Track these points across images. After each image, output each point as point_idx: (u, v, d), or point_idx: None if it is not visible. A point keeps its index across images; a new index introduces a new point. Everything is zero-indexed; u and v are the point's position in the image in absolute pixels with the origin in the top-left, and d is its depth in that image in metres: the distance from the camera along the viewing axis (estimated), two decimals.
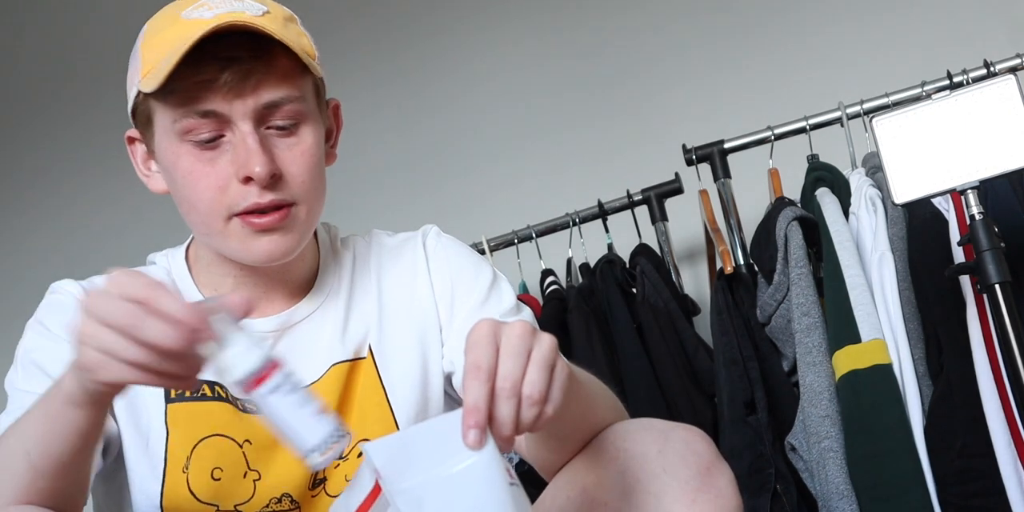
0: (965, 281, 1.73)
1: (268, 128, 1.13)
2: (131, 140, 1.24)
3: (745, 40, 2.60)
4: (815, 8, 2.56)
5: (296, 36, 1.15)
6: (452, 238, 1.32)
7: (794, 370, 1.90)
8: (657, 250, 2.23)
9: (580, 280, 2.23)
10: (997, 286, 1.53)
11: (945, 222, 1.81)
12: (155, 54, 1.13)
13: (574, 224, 2.30)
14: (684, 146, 2.20)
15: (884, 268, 1.83)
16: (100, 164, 3.08)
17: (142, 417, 1.17)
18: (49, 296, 1.24)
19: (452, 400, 1.25)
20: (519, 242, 2.33)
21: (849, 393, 1.76)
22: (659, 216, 2.26)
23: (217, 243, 1.17)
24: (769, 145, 2.14)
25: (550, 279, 2.28)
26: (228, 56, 1.09)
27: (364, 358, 1.22)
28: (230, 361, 0.89)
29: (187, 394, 1.18)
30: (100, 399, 0.95)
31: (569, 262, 2.31)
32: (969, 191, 1.56)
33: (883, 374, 1.75)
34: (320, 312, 1.24)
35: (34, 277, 3.02)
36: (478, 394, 0.86)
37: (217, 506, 1.16)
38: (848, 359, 1.77)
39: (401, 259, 1.28)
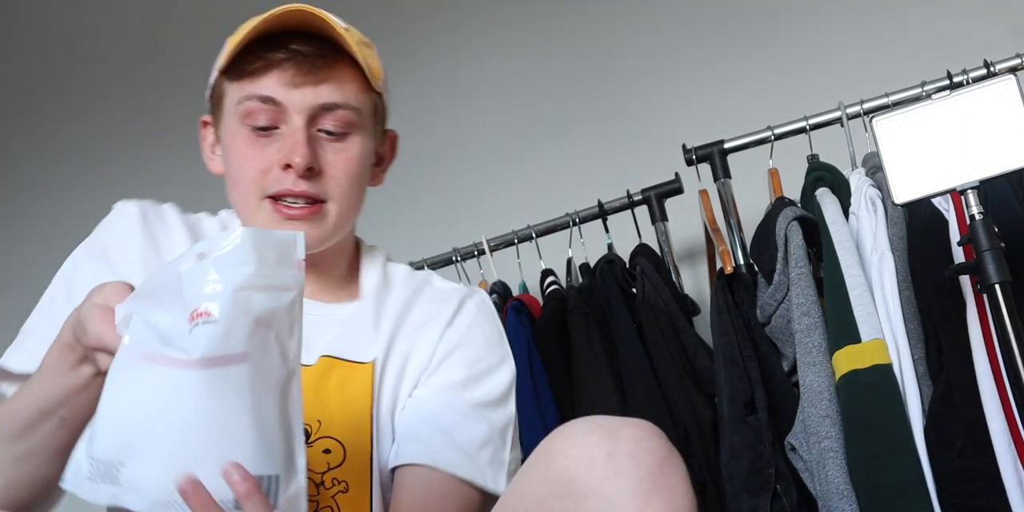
0: (965, 281, 1.73)
1: (320, 130, 1.21)
2: (204, 124, 1.32)
3: (745, 40, 2.60)
4: (815, 8, 2.56)
5: (367, 54, 1.23)
6: (493, 311, 1.36)
7: (794, 370, 1.90)
8: (657, 250, 2.23)
9: (580, 280, 2.23)
10: (997, 286, 1.53)
11: (945, 222, 1.81)
12: (235, 39, 1.21)
13: (574, 224, 2.30)
14: (684, 146, 2.20)
15: (884, 268, 1.83)
16: (101, 163, 3.09)
17: None
18: (113, 215, 1.31)
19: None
20: (519, 242, 2.33)
21: (849, 393, 1.76)
22: (659, 216, 2.26)
23: (247, 221, 1.24)
24: (769, 145, 2.14)
25: (550, 279, 2.28)
26: (296, 48, 1.19)
27: (364, 364, 1.24)
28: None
29: None
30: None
31: (569, 262, 2.31)
32: (969, 191, 1.56)
33: (883, 374, 1.75)
34: (338, 310, 1.28)
35: (33, 276, 3.03)
36: None
37: None
38: (848, 359, 1.77)
39: (434, 303, 1.32)
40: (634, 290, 2.14)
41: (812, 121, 2.11)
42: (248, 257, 0.88)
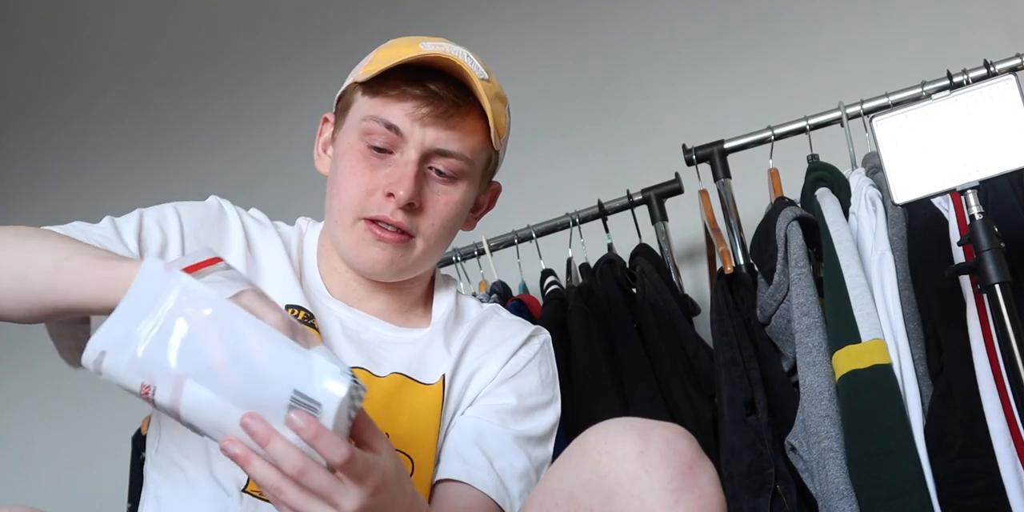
0: (965, 281, 1.73)
1: (430, 169, 1.25)
2: (325, 120, 1.35)
3: (745, 40, 2.60)
4: (815, 8, 2.56)
5: (498, 111, 1.29)
6: (552, 353, 1.42)
7: (794, 370, 1.90)
8: (657, 250, 2.23)
9: (580, 280, 2.23)
10: (997, 286, 1.53)
11: (945, 222, 1.81)
12: (384, 58, 1.25)
13: (574, 224, 2.30)
14: (684, 146, 2.20)
15: (884, 268, 1.83)
16: (100, 164, 3.09)
17: None
18: (212, 204, 1.32)
19: None
20: (519, 242, 2.33)
21: (849, 393, 1.76)
22: (659, 216, 2.26)
23: (338, 236, 1.27)
24: (769, 145, 2.14)
25: (550, 279, 2.28)
26: (436, 90, 1.23)
27: (431, 384, 1.28)
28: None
29: (300, 317, 1.25)
30: None
31: (569, 262, 2.31)
32: (969, 191, 1.56)
33: (883, 374, 1.75)
34: (409, 334, 1.32)
35: None
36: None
37: None
38: (848, 359, 1.77)
39: (501, 331, 1.36)
40: (634, 290, 2.14)
41: (812, 121, 2.11)
42: None
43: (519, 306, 2.18)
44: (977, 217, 1.56)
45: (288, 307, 1.24)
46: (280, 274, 1.27)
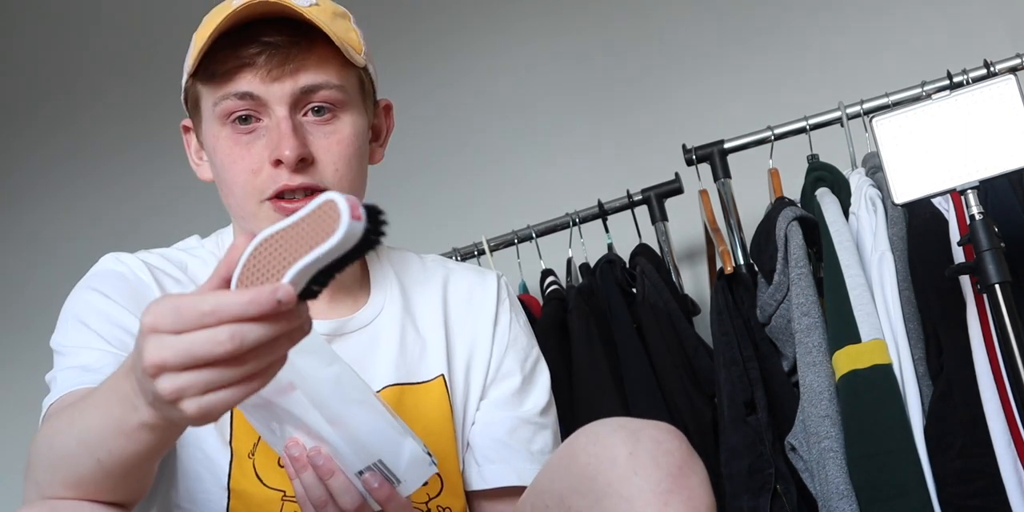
0: (965, 281, 1.72)
1: (305, 115, 1.16)
2: (185, 129, 1.28)
3: (745, 40, 2.60)
4: (815, 9, 2.56)
5: (342, 29, 1.18)
6: (512, 289, 1.36)
7: (794, 370, 1.90)
8: (657, 250, 2.23)
9: (580, 280, 2.23)
10: (997, 286, 1.53)
11: (945, 222, 1.81)
12: (201, 38, 1.16)
13: (574, 224, 2.30)
14: (684, 146, 2.20)
15: (884, 268, 1.83)
16: (102, 163, 3.09)
17: None
18: (104, 264, 1.24)
19: None
20: (519, 242, 2.33)
21: (849, 393, 1.76)
22: (659, 216, 2.26)
23: (251, 227, 1.18)
24: (769, 145, 2.14)
25: (550, 279, 2.28)
26: (267, 40, 1.13)
27: (430, 381, 1.24)
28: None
29: None
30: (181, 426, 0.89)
31: (569, 262, 2.31)
32: (969, 191, 1.56)
33: (883, 374, 1.75)
34: (375, 325, 1.25)
35: (39, 277, 3.03)
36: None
37: (284, 492, 1.16)
38: (848, 359, 1.77)
39: (472, 293, 1.31)
40: (634, 290, 2.14)
41: (812, 121, 2.11)
42: None
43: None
44: (977, 217, 1.56)
45: None
46: None
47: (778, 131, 2.14)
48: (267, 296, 0.75)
